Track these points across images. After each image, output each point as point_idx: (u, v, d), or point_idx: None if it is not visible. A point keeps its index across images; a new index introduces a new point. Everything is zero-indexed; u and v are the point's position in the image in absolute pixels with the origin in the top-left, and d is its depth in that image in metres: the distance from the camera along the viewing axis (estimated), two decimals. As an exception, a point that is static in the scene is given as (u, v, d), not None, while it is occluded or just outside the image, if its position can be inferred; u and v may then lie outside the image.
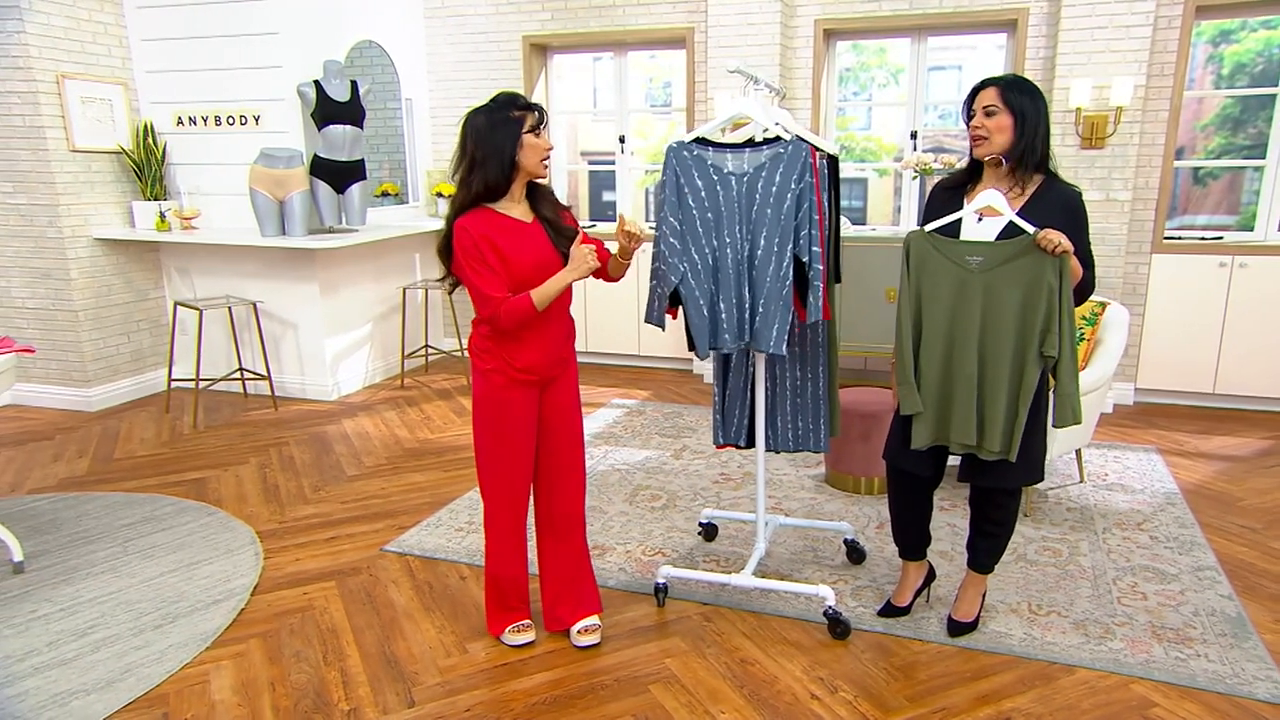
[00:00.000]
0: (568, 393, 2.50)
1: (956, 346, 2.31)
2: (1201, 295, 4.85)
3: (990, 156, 2.31)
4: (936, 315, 2.32)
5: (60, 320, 4.96)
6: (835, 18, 5.25)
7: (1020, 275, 2.22)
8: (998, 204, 2.25)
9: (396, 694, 2.36)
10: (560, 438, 2.51)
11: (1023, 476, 2.40)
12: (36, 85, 4.62)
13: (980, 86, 2.30)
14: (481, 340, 2.40)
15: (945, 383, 2.34)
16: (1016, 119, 2.24)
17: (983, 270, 2.26)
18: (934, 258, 2.31)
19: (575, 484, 2.56)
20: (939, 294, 2.31)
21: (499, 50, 5.99)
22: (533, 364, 2.37)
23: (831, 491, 3.75)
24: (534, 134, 2.27)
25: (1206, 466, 4.03)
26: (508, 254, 2.26)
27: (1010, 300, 2.24)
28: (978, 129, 2.29)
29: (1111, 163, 4.72)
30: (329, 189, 5.13)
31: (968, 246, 2.28)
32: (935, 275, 2.31)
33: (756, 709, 2.27)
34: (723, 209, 2.46)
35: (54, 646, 2.57)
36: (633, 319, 5.91)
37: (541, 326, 2.36)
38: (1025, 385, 2.26)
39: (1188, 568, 3.02)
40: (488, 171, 2.24)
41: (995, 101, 2.25)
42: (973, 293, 2.27)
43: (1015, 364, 2.27)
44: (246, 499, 3.73)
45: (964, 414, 2.30)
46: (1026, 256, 2.21)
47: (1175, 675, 2.39)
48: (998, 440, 2.29)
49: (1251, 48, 5.28)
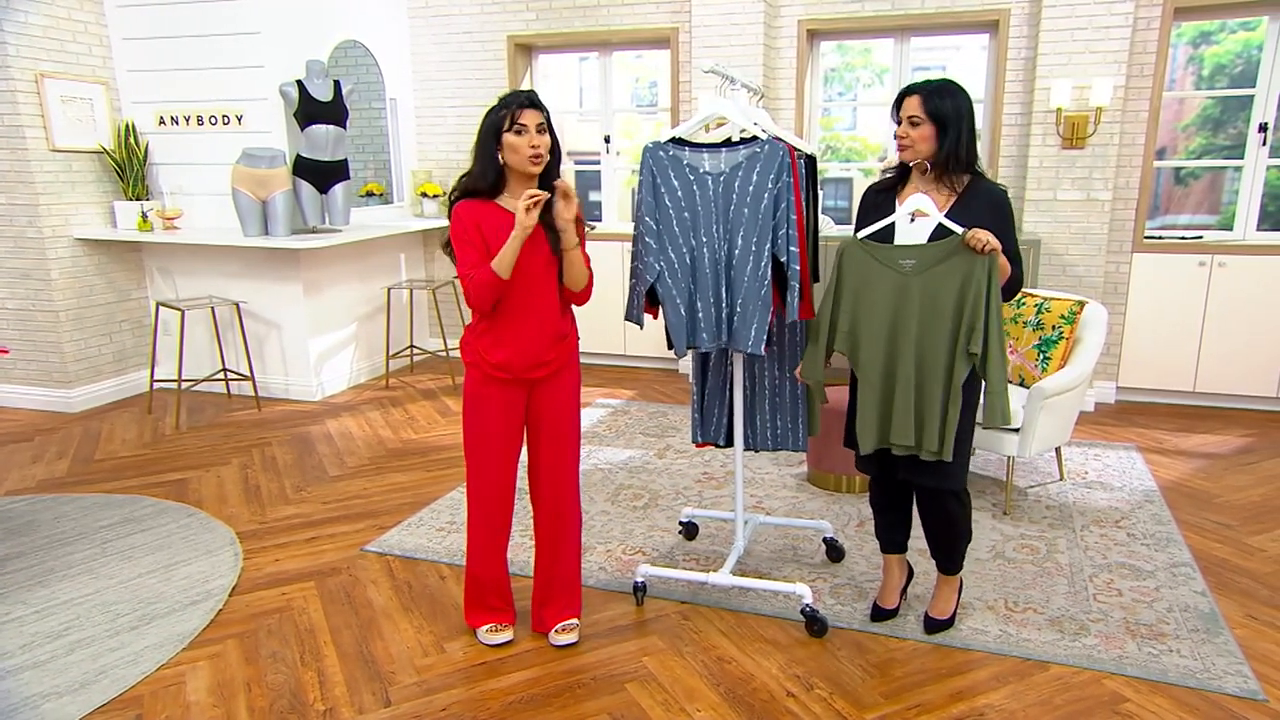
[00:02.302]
0: (561, 397, 2.45)
1: (896, 349, 2.34)
2: (1182, 294, 4.89)
3: (915, 162, 2.35)
4: (876, 320, 2.34)
5: (41, 321, 4.93)
6: (818, 18, 5.27)
7: (952, 275, 2.25)
8: (925, 206, 2.30)
9: (373, 694, 2.36)
10: (552, 443, 2.47)
11: (942, 479, 2.40)
12: (14, 84, 4.58)
13: (905, 94, 2.33)
14: (467, 334, 2.40)
15: (887, 386, 2.36)
16: (939, 127, 2.28)
17: (916, 273, 2.29)
18: (869, 264, 2.34)
19: (568, 490, 2.52)
20: (876, 299, 2.34)
21: (484, 50, 5.98)
22: (507, 361, 2.35)
23: (813, 490, 3.76)
24: (513, 133, 2.25)
25: (1185, 464, 4.07)
26: (494, 246, 2.26)
27: (944, 300, 2.27)
28: (902, 138, 2.33)
29: (1092, 163, 4.75)
30: (312, 189, 5.11)
31: (901, 250, 2.32)
32: (871, 281, 2.34)
33: (732, 707, 2.28)
34: (699, 208, 2.47)
35: (27, 649, 2.55)
36: (618, 319, 5.91)
37: (517, 323, 2.34)
38: (954, 384, 2.29)
39: (1163, 564, 3.04)
40: (479, 168, 2.29)
41: (918, 111, 2.29)
42: (909, 295, 2.30)
43: (948, 364, 2.29)
44: (227, 500, 3.71)
45: (903, 416, 2.33)
46: (957, 256, 2.25)
47: (1147, 670, 2.41)
48: (934, 439, 2.31)
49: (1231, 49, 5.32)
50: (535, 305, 2.35)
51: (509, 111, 2.24)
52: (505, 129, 2.25)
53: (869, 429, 2.38)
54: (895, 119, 2.36)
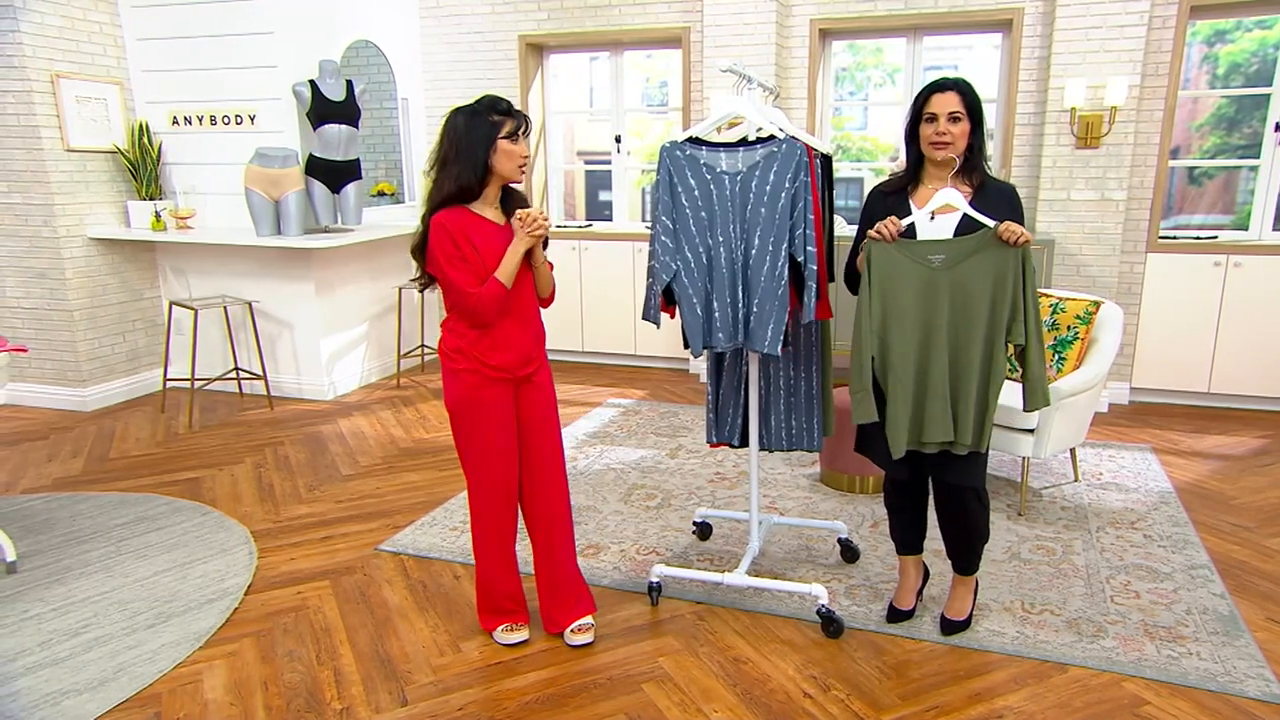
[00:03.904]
0: (543, 392, 2.51)
1: (929, 345, 2.33)
2: (1196, 294, 4.86)
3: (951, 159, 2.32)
4: (906, 318, 2.32)
5: (55, 320, 4.95)
6: (830, 17, 5.25)
7: (985, 268, 2.26)
8: (956, 201, 2.29)
9: (389, 693, 2.36)
10: (539, 438, 2.50)
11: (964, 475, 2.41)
12: (31, 84, 4.61)
13: (935, 90, 2.29)
14: (454, 340, 2.38)
15: (920, 384, 2.34)
16: (973, 123, 2.29)
17: (946, 267, 2.28)
18: (898, 261, 2.32)
19: (557, 485, 2.55)
20: (906, 296, 2.32)
21: (495, 50, 5.99)
22: (506, 362, 2.38)
23: (826, 490, 3.75)
24: (510, 140, 2.27)
25: (1201, 465, 4.04)
26: (483, 253, 2.29)
27: (978, 293, 2.26)
28: (942, 134, 2.28)
29: (1106, 162, 4.72)
30: (324, 188, 5.13)
31: (929, 245, 2.30)
32: (901, 278, 2.32)
33: (749, 708, 2.27)
34: (716, 208, 2.46)
35: (46, 646, 2.56)
36: (629, 318, 5.91)
37: (516, 327, 2.38)
38: (995, 376, 2.30)
39: (1181, 566, 3.02)
40: (460, 172, 2.25)
41: (959, 107, 2.27)
42: (939, 290, 2.29)
43: (984, 356, 2.29)
44: (241, 499, 3.72)
45: (940, 412, 2.32)
46: (989, 249, 2.25)
47: (1167, 673, 2.39)
48: (969, 434, 2.32)
49: (1246, 48, 5.28)
50: (524, 306, 2.41)
51: (506, 119, 2.26)
52: (503, 135, 2.25)
53: (900, 430, 2.33)
54: (926, 116, 2.31)
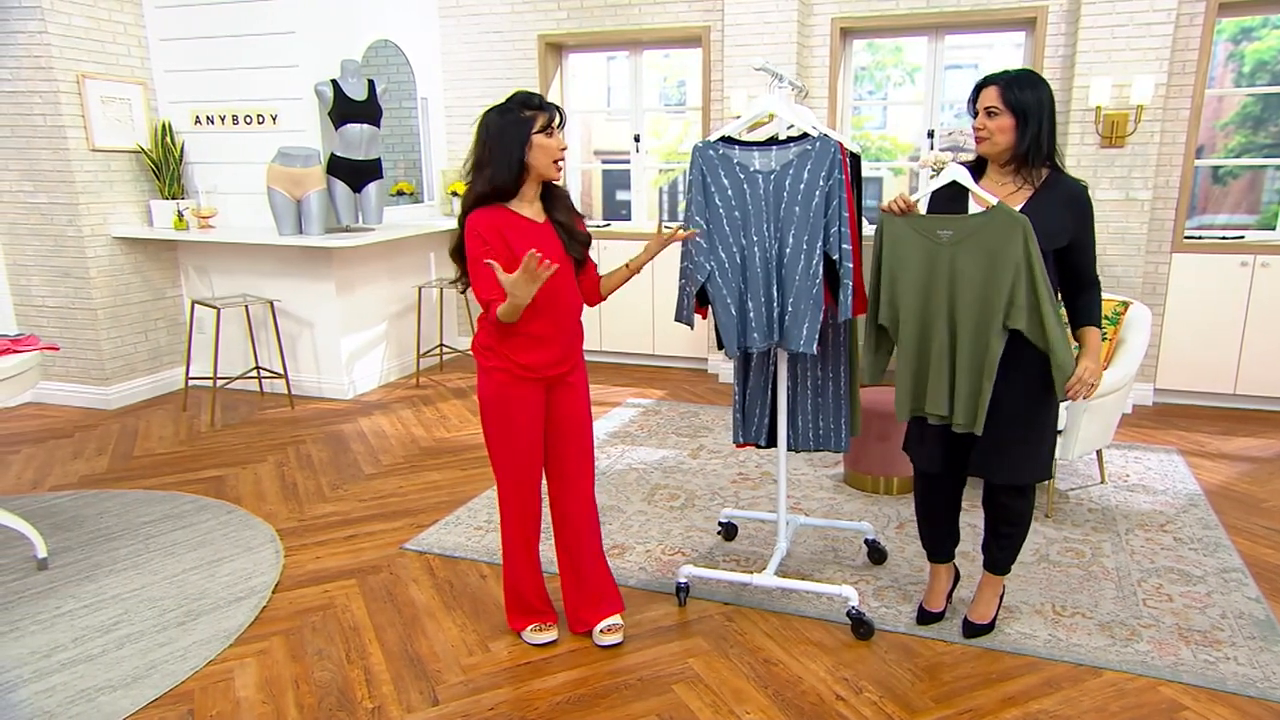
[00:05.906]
0: (577, 393, 2.48)
1: (930, 318, 2.33)
2: (1222, 295, 4.81)
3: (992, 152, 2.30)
4: (910, 289, 2.34)
5: (79, 319, 4.99)
6: (852, 16, 5.23)
7: (983, 246, 2.22)
8: (961, 178, 2.28)
9: (420, 692, 2.36)
10: (570, 439, 2.48)
11: (1028, 473, 2.38)
12: (58, 85, 4.64)
13: (983, 84, 2.28)
14: (485, 338, 2.38)
15: (921, 354, 2.36)
16: (1018, 118, 2.23)
17: (952, 243, 2.27)
18: (906, 235, 2.33)
19: (585, 485, 2.53)
20: (910, 268, 2.34)
21: (514, 49, 5.99)
22: (536, 363, 2.36)
23: (850, 491, 3.73)
24: (545, 134, 2.25)
25: (1229, 468, 4.00)
26: (517, 252, 2.24)
27: (973, 271, 2.24)
28: (980, 130, 2.28)
29: (1132, 161, 4.68)
30: (346, 188, 5.14)
31: (940, 221, 2.29)
32: (907, 251, 2.33)
33: (782, 709, 2.26)
34: (750, 207, 2.45)
35: (79, 642, 2.58)
36: (647, 318, 5.90)
37: (549, 327, 2.34)
38: (989, 359, 2.26)
39: (1213, 569, 2.99)
40: (496, 171, 2.24)
41: (996, 102, 2.24)
42: (942, 265, 2.28)
43: (980, 336, 2.27)
44: (265, 497, 3.74)
45: (937, 385, 2.32)
46: (991, 228, 2.21)
47: (1205, 678, 2.36)
48: (963, 412, 2.29)
49: (1273, 45, 5.23)
50: (559, 307, 2.35)
51: (539, 114, 2.24)
52: (537, 130, 2.24)
53: (904, 395, 2.40)
54: (972, 111, 2.31)
